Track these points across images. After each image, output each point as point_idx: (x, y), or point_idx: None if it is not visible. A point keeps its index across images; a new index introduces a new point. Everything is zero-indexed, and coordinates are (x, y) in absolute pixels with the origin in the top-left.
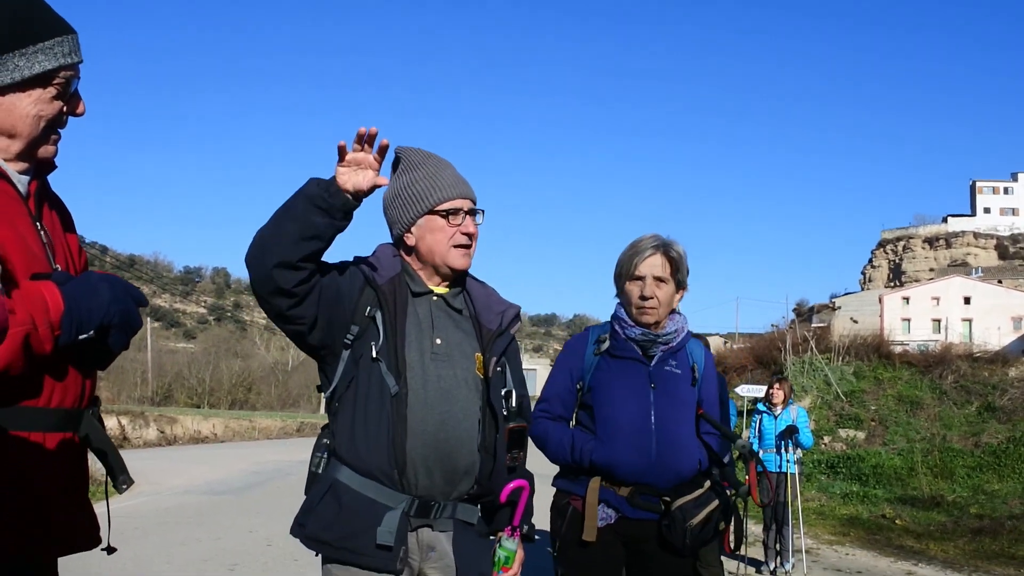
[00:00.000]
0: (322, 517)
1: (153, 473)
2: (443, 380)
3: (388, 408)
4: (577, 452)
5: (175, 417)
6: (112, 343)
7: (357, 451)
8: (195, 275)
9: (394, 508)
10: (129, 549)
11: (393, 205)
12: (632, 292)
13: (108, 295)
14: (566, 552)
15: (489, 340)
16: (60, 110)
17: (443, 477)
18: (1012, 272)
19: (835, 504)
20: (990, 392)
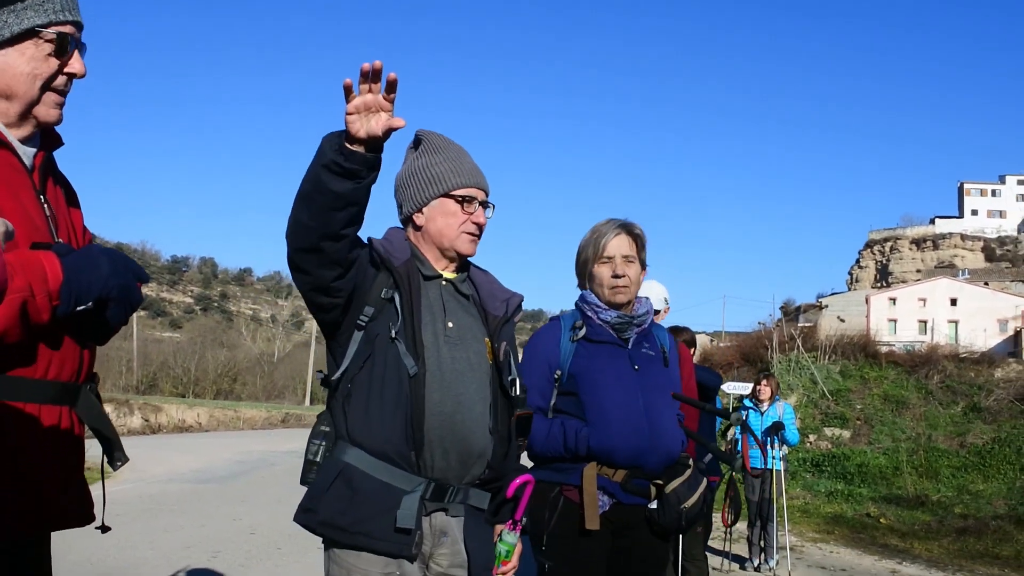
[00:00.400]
0: (335, 502)
1: (137, 461)
2: (457, 362)
3: (406, 388)
4: (572, 440)
5: (160, 406)
6: (111, 317)
7: (372, 432)
8: (182, 264)
9: (411, 491)
10: (112, 534)
11: (408, 183)
12: (602, 273)
13: (108, 268)
14: (558, 545)
15: (496, 326)
16: (57, 69)
17: (458, 459)
18: (999, 274)
19: (820, 502)
20: (976, 393)
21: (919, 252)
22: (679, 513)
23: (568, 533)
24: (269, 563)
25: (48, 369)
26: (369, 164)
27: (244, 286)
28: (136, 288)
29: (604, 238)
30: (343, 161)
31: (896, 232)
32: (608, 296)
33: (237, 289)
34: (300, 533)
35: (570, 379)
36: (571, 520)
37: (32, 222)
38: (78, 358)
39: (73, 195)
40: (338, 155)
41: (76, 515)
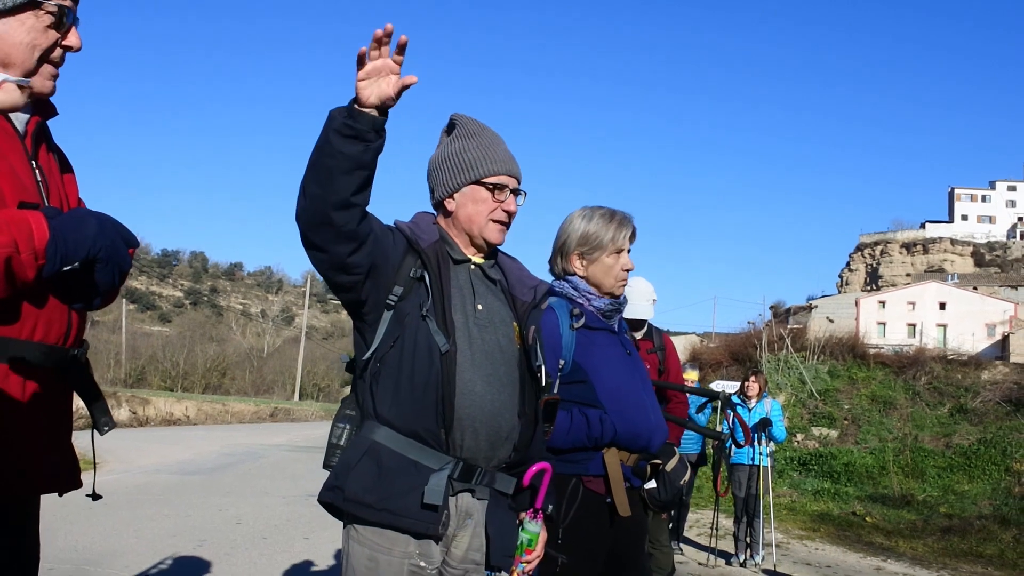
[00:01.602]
0: (362, 479)
1: (124, 452)
2: (487, 344)
3: (438, 365)
4: (597, 428)
5: (148, 398)
6: (99, 279)
7: (402, 410)
8: (172, 258)
9: (439, 469)
10: (97, 523)
11: (441, 168)
12: (612, 264)
13: (96, 229)
14: (578, 537)
15: (524, 312)
16: (55, 41)
17: (488, 440)
18: (987, 279)
19: (806, 500)
20: (962, 394)
21: (909, 256)
22: (679, 489)
23: (590, 524)
24: (255, 552)
25: (35, 330)
26: (377, 127)
27: (235, 281)
28: (125, 251)
29: (625, 230)
30: (352, 122)
31: (886, 236)
32: (611, 287)
33: (228, 284)
34: (286, 524)
35: (575, 368)
36: (594, 510)
37: (20, 182)
38: (66, 321)
39: (67, 163)
40: (347, 118)
41: (64, 479)
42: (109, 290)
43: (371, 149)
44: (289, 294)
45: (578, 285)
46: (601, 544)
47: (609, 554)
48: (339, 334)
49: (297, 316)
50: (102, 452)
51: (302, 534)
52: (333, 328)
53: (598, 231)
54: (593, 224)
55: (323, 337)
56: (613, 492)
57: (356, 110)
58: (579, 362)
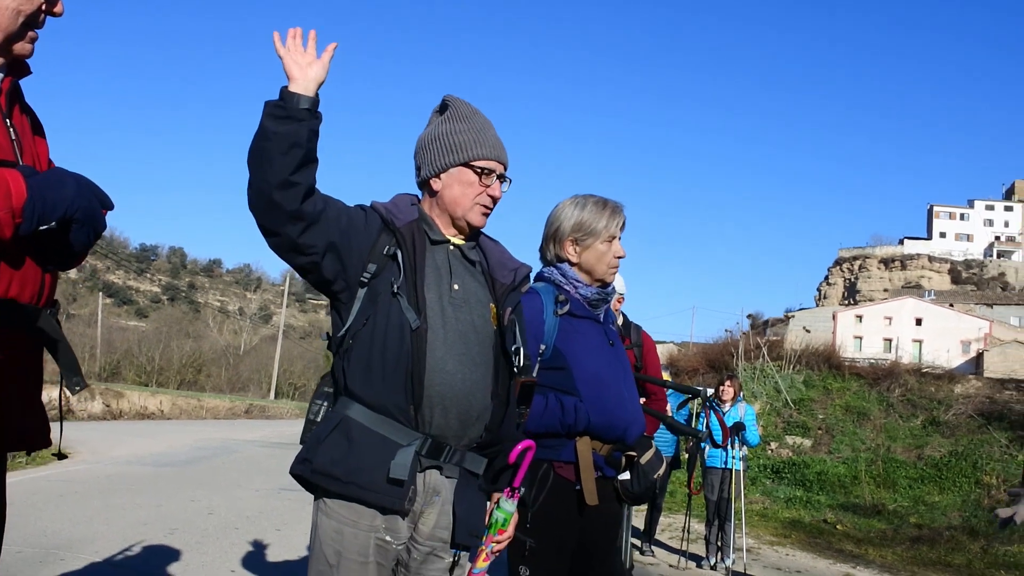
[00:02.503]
0: (330, 452)
1: (96, 444)
2: (461, 323)
3: (408, 342)
4: (571, 415)
5: (122, 392)
6: (74, 239)
7: (372, 385)
8: (151, 253)
9: (407, 445)
10: (67, 510)
11: (430, 148)
12: (605, 251)
13: (73, 190)
14: (547, 522)
15: (503, 293)
16: (39, 7)
17: (458, 418)
18: (964, 296)
19: (778, 507)
20: (935, 407)
21: (887, 272)
22: (652, 482)
23: (558, 510)
24: (226, 542)
25: (8, 288)
26: (308, 105)
27: (213, 277)
28: (100, 213)
29: (617, 218)
30: (284, 103)
31: (865, 251)
32: (604, 273)
33: (206, 280)
34: (259, 515)
35: (555, 354)
36: (563, 497)
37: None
38: (39, 281)
39: (39, 126)
40: (279, 100)
41: (34, 437)
42: (82, 251)
43: (305, 127)
44: (267, 292)
45: (566, 272)
46: (569, 531)
47: (580, 544)
48: (316, 333)
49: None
50: (74, 443)
51: (274, 526)
52: (311, 327)
53: (591, 218)
54: (587, 212)
55: (300, 336)
56: (582, 480)
57: (286, 92)
58: (560, 348)
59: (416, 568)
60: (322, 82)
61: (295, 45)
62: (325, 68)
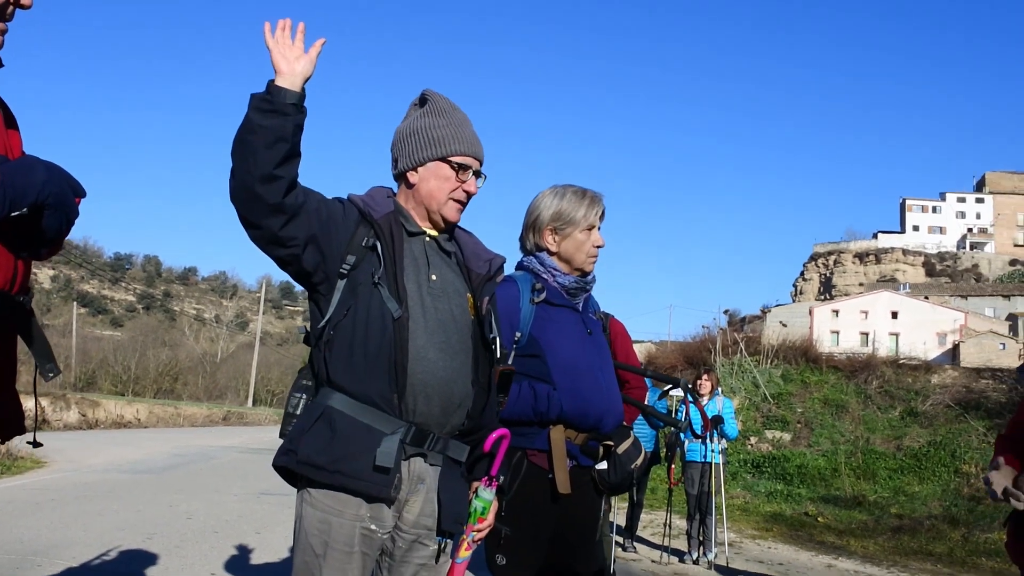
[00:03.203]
0: (314, 441)
1: (73, 452)
2: (440, 312)
3: (390, 331)
4: (543, 402)
5: (98, 401)
6: (46, 225)
7: (355, 375)
8: (125, 262)
9: (391, 433)
10: (44, 517)
11: (408, 141)
12: (586, 241)
13: (44, 176)
14: (522, 510)
15: (479, 283)
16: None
17: (440, 406)
18: (938, 289)
19: (759, 502)
20: (913, 398)
21: (862, 266)
22: (629, 472)
23: (534, 498)
24: (205, 546)
25: None
26: (293, 100)
27: (188, 285)
28: (71, 199)
29: (597, 208)
30: (270, 97)
31: (840, 246)
32: (582, 263)
33: (181, 288)
34: (238, 519)
35: (531, 341)
36: (536, 485)
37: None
38: (11, 267)
39: (12, 118)
40: (265, 93)
41: (8, 424)
42: (55, 238)
43: (290, 122)
44: (244, 299)
45: (544, 261)
46: (545, 519)
47: (558, 533)
48: (293, 340)
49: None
50: (51, 452)
51: (254, 529)
52: (288, 334)
53: (570, 208)
54: (566, 201)
55: (277, 343)
56: (554, 469)
57: (273, 85)
58: (535, 336)
59: (401, 556)
60: (308, 77)
61: (284, 37)
62: (312, 63)
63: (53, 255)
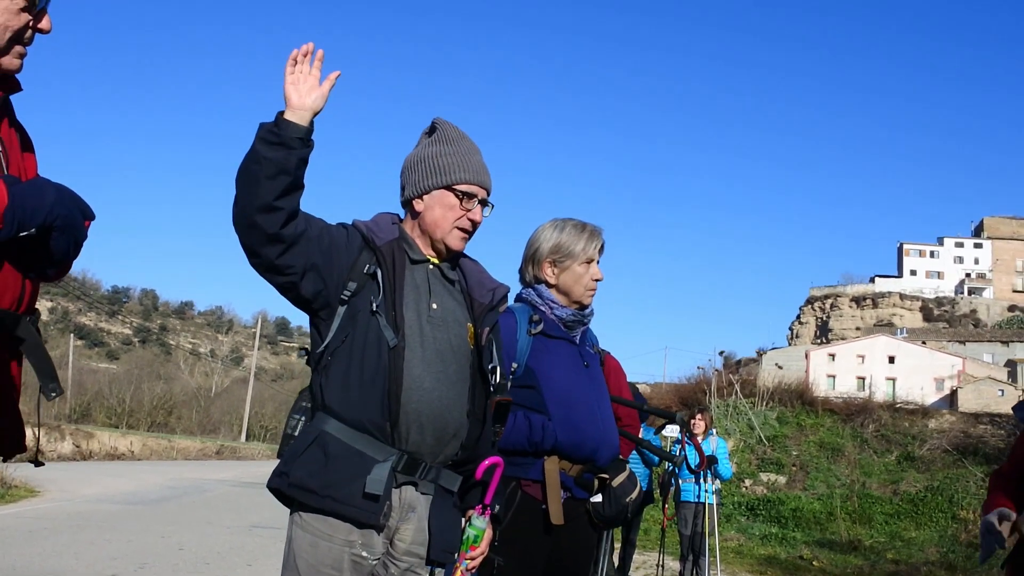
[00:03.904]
0: (307, 465)
1: (66, 482)
2: (439, 342)
3: (385, 360)
4: (538, 433)
5: (92, 432)
6: (54, 246)
7: (350, 402)
8: (123, 295)
9: (383, 460)
10: (37, 545)
11: (415, 168)
12: (582, 273)
13: (53, 197)
14: (515, 541)
15: (480, 313)
16: (26, 23)
17: (434, 436)
18: (936, 334)
19: (754, 544)
20: (910, 442)
21: (859, 310)
22: (624, 506)
23: (525, 528)
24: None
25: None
26: (301, 134)
27: (185, 319)
28: (80, 222)
29: (596, 241)
30: (277, 130)
31: (836, 290)
32: (581, 295)
33: (177, 322)
34: (229, 551)
35: (527, 372)
36: (529, 515)
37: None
38: (19, 288)
39: (28, 142)
40: (273, 125)
41: (10, 442)
42: (63, 259)
43: (294, 155)
44: (239, 334)
45: (543, 293)
46: (538, 549)
47: (551, 566)
48: (288, 376)
49: (246, 357)
50: (44, 482)
51: (245, 561)
52: (282, 370)
53: (570, 241)
54: (565, 234)
55: (272, 379)
56: (548, 499)
57: (282, 118)
58: (532, 367)
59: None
60: (318, 111)
61: (303, 65)
62: (324, 98)
63: (61, 277)
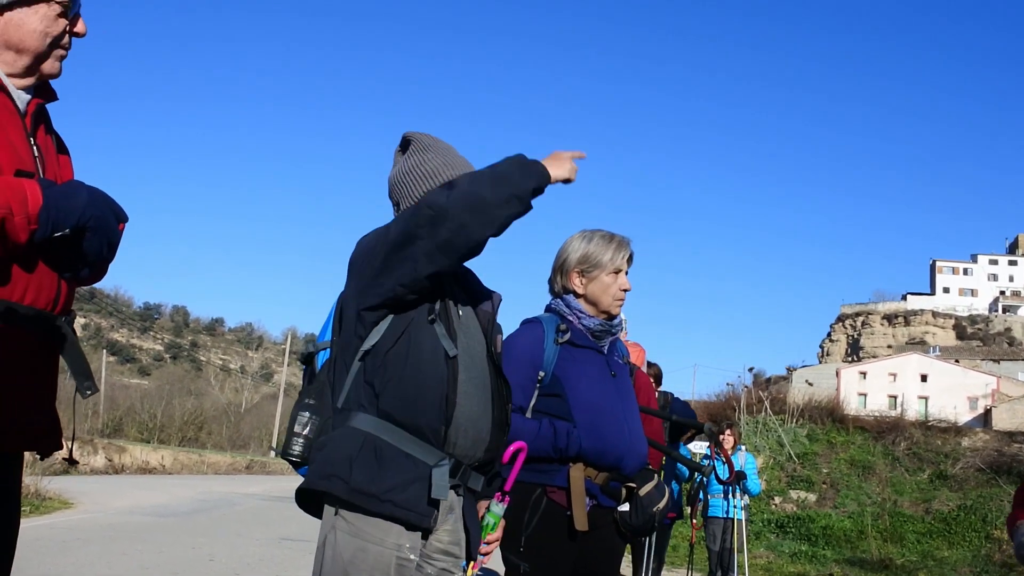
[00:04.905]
0: (365, 470)
1: (98, 495)
2: (470, 349)
3: (443, 368)
4: (563, 440)
5: (124, 447)
6: (87, 247)
7: (409, 407)
8: (154, 311)
9: (438, 464)
10: (70, 555)
11: (404, 182)
12: (610, 283)
13: (87, 199)
14: (539, 547)
15: (487, 321)
16: (64, 29)
17: (473, 440)
18: (969, 352)
19: (783, 562)
20: (942, 460)
21: (891, 328)
22: (651, 515)
23: (551, 535)
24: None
25: (25, 294)
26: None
27: (215, 336)
28: (114, 224)
29: (624, 252)
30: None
31: (868, 307)
32: (608, 305)
33: (208, 339)
34: (259, 563)
35: (554, 381)
36: (554, 521)
37: (17, 153)
38: (55, 288)
39: (64, 147)
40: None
41: (46, 439)
42: (97, 261)
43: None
44: (269, 351)
45: (570, 303)
46: (563, 556)
47: (577, 573)
48: None
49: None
50: (77, 494)
51: (274, 572)
52: None
53: (597, 251)
54: (593, 245)
55: None
56: (573, 505)
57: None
58: (558, 376)
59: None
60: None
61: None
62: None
63: (96, 280)
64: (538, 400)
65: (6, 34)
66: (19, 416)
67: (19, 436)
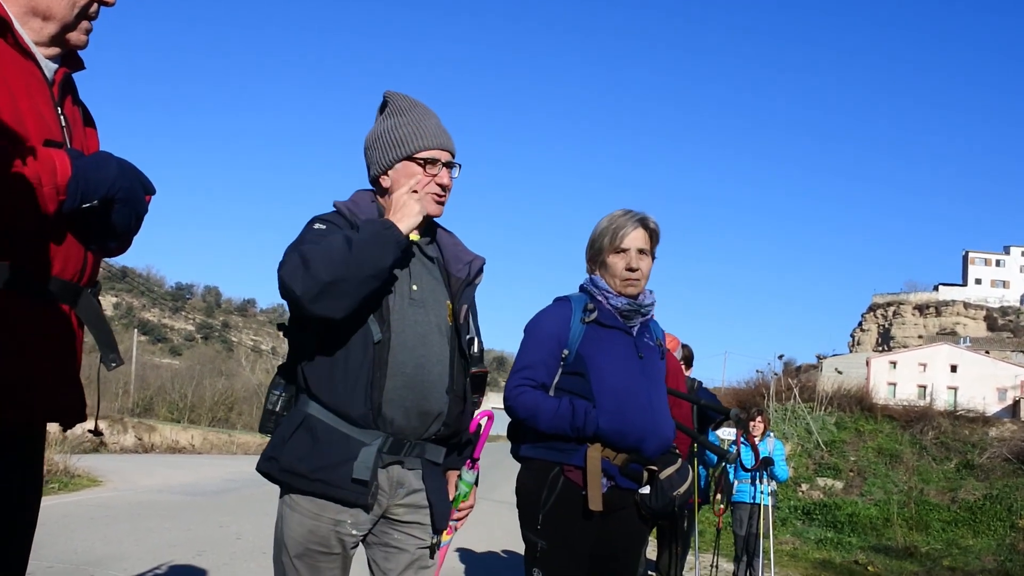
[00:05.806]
0: (296, 449)
1: (128, 473)
2: (419, 325)
3: (371, 353)
4: (581, 419)
5: (154, 426)
6: (115, 219)
7: (334, 392)
8: (186, 292)
9: (369, 444)
10: (98, 531)
11: (374, 146)
12: (616, 264)
13: (116, 171)
14: (555, 525)
15: (458, 289)
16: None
17: (418, 418)
18: (1000, 344)
19: (808, 548)
20: (970, 450)
21: (921, 318)
22: (671, 499)
23: (567, 513)
24: (253, 564)
25: (52, 265)
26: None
27: (247, 316)
28: (142, 196)
29: (622, 230)
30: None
31: (899, 297)
32: (619, 287)
33: (239, 319)
34: None
35: (577, 359)
36: (571, 500)
37: (45, 123)
38: (82, 259)
39: (90, 118)
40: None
41: (71, 410)
42: (125, 233)
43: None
44: None
45: (598, 283)
46: (581, 535)
47: (596, 553)
48: None
49: None
50: (106, 472)
51: None
52: None
53: (599, 234)
54: (599, 227)
55: None
56: (588, 485)
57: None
58: (582, 354)
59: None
60: None
61: None
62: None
63: (122, 252)
64: (561, 378)
65: (33, 0)
66: (45, 388)
67: (45, 407)
